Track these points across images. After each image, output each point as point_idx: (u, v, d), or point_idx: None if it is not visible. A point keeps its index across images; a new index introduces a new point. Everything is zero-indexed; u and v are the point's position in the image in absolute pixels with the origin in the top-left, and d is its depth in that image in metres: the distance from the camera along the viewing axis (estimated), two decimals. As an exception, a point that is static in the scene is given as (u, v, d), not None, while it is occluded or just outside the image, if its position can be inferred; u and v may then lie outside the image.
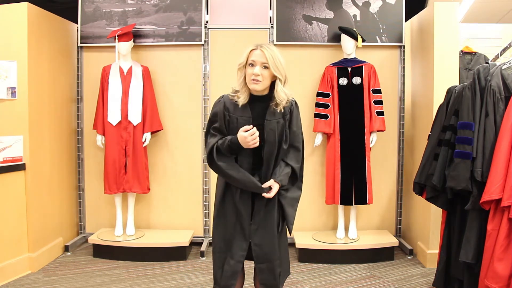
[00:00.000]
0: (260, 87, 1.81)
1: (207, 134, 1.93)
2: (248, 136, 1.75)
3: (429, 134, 2.72)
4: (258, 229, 1.91)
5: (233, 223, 1.92)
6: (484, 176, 2.18)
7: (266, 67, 1.79)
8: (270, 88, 1.86)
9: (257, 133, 1.77)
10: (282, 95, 1.83)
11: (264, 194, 1.86)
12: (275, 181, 1.87)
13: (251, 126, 1.78)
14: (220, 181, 1.99)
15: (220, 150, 1.85)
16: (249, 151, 1.85)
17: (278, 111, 1.86)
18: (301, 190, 2.03)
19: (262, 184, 1.87)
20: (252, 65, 1.79)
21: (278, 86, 1.82)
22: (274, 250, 1.93)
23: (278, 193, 1.91)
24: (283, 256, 2.01)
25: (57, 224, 3.46)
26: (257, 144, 1.79)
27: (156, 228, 3.70)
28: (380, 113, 3.35)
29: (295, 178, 1.98)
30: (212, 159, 1.88)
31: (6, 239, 2.91)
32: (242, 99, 1.84)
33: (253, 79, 1.78)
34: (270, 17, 3.61)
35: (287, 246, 2.07)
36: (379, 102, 3.36)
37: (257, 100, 1.87)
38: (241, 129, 1.78)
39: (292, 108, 1.91)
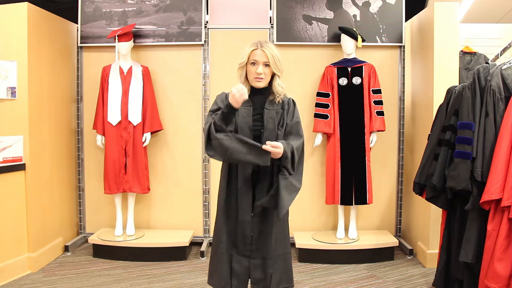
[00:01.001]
0: (263, 84, 1.94)
1: (206, 120, 1.94)
2: (234, 89, 1.77)
3: (429, 134, 2.72)
4: (259, 222, 1.94)
5: (236, 219, 1.96)
6: (484, 176, 2.18)
7: (267, 65, 1.90)
8: (269, 82, 1.96)
9: (244, 88, 1.78)
10: (279, 88, 1.96)
11: (267, 148, 1.78)
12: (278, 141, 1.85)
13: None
14: (222, 180, 2.02)
15: (217, 124, 1.84)
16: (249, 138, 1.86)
17: (276, 102, 1.96)
18: (301, 185, 1.95)
19: (261, 171, 1.90)
20: (254, 64, 1.90)
21: (276, 81, 1.96)
22: (269, 247, 1.95)
23: (280, 171, 1.87)
24: (283, 263, 2.01)
25: (57, 224, 3.46)
26: (246, 97, 1.79)
27: (156, 228, 3.70)
28: (380, 113, 3.35)
29: (294, 162, 1.90)
30: (209, 135, 1.85)
31: (6, 239, 2.91)
32: None
33: (256, 77, 1.90)
34: (270, 17, 3.61)
35: (289, 254, 2.05)
36: (379, 102, 3.36)
37: (257, 93, 1.97)
38: (232, 89, 1.80)
39: (290, 102, 2.00)
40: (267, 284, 1.96)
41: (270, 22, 3.61)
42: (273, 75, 1.95)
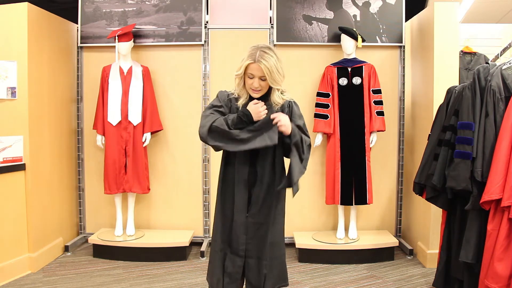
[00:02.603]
0: (260, 95, 1.92)
1: (206, 112, 1.93)
2: (260, 106, 1.84)
3: (429, 134, 2.72)
4: (254, 223, 1.94)
5: (231, 218, 1.96)
6: (484, 176, 2.18)
7: (264, 79, 1.86)
8: (269, 88, 1.94)
9: (264, 106, 1.86)
10: (278, 100, 1.93)
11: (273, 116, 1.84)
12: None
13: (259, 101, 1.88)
14: (220, 179, 2.03)
15: (223, 123, 1.85)
16: None
17: (275, 110, 1.94)
18: (305, 170, 1.96)
19: (258, 172, 1.92)
20: (250, 77, 1.87)
21: (275, 93, 1.92)
22: (264, 247, 1.95)
23: (291, 151, 1.89)
24: (279, 265, 2.01)
25: (57, 224, 3.46)
26: (265, 112, 1.86)
27: (156, 228, 3.70)
28: (380, 113, 3.35)
29: (303, 145, 1.93)
30: (210, 127, 1.86)
31: (6, 239, 2.91)
32: (242, 100, 1.94)
33: (253, 89, 1.89)
34: (270, 17, 3.61)
35: (284, 256, 2.06)
36: (379, 102, 3.36)
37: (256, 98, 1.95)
38: (251, 102, 1.87)
39: (290, 105, 1.98)
40: (260, 285, 1.96)
41: (270, 22, 3.61)
42: None
